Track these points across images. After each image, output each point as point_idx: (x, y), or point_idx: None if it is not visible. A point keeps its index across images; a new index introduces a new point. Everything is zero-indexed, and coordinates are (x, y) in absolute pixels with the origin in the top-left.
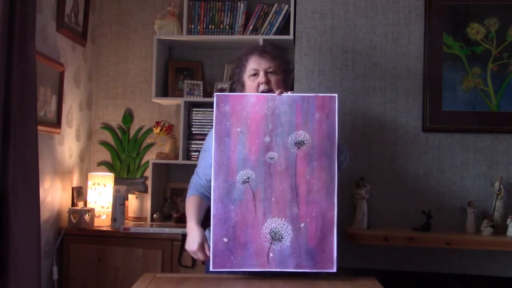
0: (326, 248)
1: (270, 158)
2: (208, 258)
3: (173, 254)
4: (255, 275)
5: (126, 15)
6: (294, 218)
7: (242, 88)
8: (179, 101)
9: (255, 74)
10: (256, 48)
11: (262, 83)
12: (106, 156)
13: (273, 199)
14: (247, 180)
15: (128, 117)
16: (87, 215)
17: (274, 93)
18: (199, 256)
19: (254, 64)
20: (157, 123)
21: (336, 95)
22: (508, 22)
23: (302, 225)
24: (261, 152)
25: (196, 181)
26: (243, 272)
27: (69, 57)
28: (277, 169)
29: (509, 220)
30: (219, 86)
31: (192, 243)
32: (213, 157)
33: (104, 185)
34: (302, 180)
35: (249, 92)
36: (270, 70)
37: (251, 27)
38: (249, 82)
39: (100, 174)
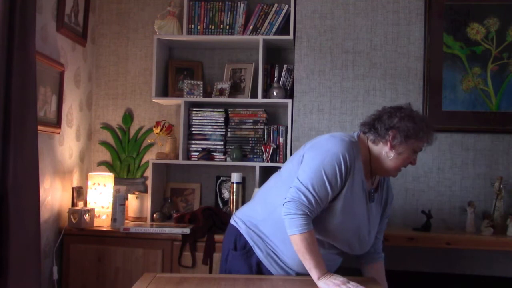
0: None
1: None
2: None
3: (173, 254)
4: (257, 276)
5: (126, 15)
6: None
7: (400, 144)
8: (179, 101)
9: (415, 152)
10: (432, 131)
11: (411, 164)
12: (106, 156)
13: None
14: None
15: (128, 117)
16: (87, 215)
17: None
18: None
19: (422, 142)
20: (157, 123)
21: None
22: (508, 22)
23: None
24: None
25: (314, 204)
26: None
27: (69, 57)
28: None
29: (509, 220)
30: (219, 86)
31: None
32: None
33: (104, 185)
34: None
35: (393, 153)
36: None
37: (251, 27)
38: (408, 151)
39: (100, 174)
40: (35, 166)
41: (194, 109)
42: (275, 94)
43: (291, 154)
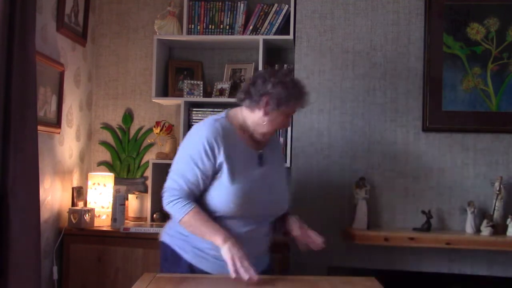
0: None
1: None
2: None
3: None
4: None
5: (126, 15)
6: None
7: (273, 110)
8: (179, 101)
9: (288, 116)
10: (304, 97)
11: (286, 127)
12: (106, 156)
13: None
14: None
15: (128, 117)
16: (87, 215)
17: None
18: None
19: (295, 108)
20: (157, 123)
21: None
22: (508, 22)
23: None
24: None
25: (185, 188)
26: None
27: (69, 57)
28: None
29: (509, 220)
30: (219, 86)
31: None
32: None
33: (104, 185)
34: None
35: (267, 119)
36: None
37: (251, 27)
38: (281, 116)
39: (100, 174)
40: (35, 166)
41: (194, 109)
42: None
43: (291, 154)
